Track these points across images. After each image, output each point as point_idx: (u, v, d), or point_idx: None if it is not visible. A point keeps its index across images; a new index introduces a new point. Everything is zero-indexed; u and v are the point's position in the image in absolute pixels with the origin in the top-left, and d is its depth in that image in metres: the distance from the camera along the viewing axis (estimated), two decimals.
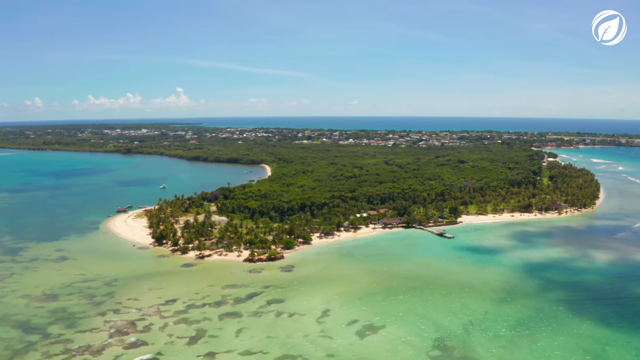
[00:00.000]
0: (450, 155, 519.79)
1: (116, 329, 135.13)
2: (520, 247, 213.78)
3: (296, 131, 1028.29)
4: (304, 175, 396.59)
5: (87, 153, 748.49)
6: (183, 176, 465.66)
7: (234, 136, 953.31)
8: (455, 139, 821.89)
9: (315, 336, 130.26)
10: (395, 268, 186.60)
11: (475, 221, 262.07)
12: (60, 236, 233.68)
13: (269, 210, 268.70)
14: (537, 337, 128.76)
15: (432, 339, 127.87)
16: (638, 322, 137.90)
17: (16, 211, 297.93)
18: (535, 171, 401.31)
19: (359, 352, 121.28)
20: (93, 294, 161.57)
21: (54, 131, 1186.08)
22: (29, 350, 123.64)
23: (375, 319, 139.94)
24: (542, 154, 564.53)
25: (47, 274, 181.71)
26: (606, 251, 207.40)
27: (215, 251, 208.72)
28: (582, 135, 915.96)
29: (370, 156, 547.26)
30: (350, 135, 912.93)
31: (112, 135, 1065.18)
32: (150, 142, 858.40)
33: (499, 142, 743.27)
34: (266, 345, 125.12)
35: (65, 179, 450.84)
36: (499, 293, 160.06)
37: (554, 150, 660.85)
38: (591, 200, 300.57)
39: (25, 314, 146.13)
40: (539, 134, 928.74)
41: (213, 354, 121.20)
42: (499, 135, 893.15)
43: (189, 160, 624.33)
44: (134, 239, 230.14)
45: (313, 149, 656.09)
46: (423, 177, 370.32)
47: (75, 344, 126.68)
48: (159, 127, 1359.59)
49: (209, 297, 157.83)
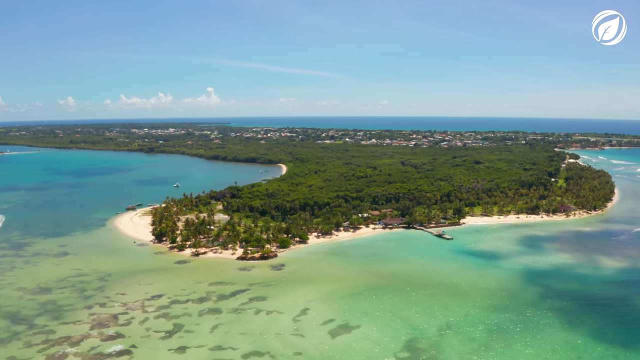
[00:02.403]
0: (468, 155, 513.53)
1: (98, 322, 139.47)
2: (518, 250, 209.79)
3: (320, 131, 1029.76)
4: (316, 175, 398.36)
5: (111, 152, 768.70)
6: (198, 175, 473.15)
7: (258, 136, 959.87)
8: (479, 139, 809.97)
9: (288, 334, 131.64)
10: (384, 268, 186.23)
11: (478, 222, 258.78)
12: (66, 232, 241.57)
13: (271, 210, 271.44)
14: (513, 342, 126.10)
15: (404, 340, 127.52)
16: (636, 336, 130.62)
17: (30, 208, 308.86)
18: (552, 172, 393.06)
19: (326, 351, 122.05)
20: (84, 288, 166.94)
21: (83, 130, 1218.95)
22: (12, 340, 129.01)
23: (352, 319, 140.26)
24: (563, 155, 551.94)
25: (46, 268, 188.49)
26: (609, 255, 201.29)
27: (211, 249, 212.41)
28: (609, 137, 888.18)
29: (388, 156, 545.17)
30: (374, 136, 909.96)
31: (139, 134, 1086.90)
32: (174, 141, 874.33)
33: (523, 143, 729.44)
34: (238, 342, 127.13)
35: (84, 177, 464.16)
36: (485, 296, 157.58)
37: (578, 152, 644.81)
38: (603, 202, 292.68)
39: (17, 305, 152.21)
40: (565, 134, 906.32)
41: (184, 348, 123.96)
42: (524, 135, 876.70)
43: (208, 160, 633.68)
44: (136, 236, 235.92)
45: (332, 148, 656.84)
46: (434, 177, 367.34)
47: (57, 335, 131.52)
48: (186, 126, 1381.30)
49: (194, 294, 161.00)
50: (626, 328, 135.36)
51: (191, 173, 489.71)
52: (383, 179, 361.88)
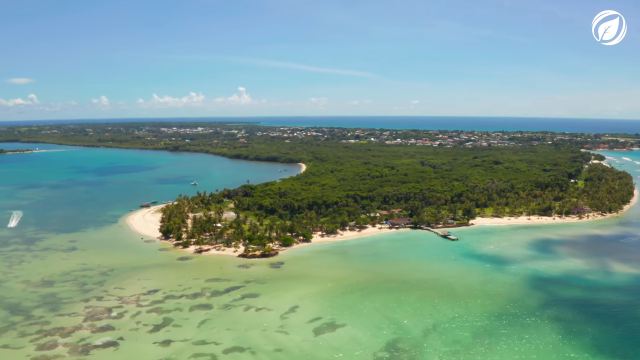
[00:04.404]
0: (490, 156, 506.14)
1: (92, 315, 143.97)
2: (522, 252, 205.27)
3: (347, 131, 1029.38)
4: (331, 174, 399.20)
5: (137, 150, 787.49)
6: (218, 174, 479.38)
7: (284, 135, 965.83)
8: (505, 139, 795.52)
9: (273, 331, 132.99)
10: (382, 268, 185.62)
11: (487, 223, 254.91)
12: (78, 228, 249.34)
13: (280, 208, 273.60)
14: (497, 347, 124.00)
15: (386, 340, 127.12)
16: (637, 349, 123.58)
17: (48, 204, 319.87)
18: (572, 174, 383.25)
19: (306, 348, 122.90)
20: (86, 281, 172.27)
21: (113, 129, 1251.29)
22: (7, 330, 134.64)
23: (339, 318, 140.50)
24: (588, 155, 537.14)
25: (53, 262, 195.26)
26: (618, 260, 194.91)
27: (215, 246, 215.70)
28: (639, 137, 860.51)
29: (409, 156, 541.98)
30: (399, 135, 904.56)
31: (167, 133, 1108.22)
32: (200, 140, 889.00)
33: (549, 143, 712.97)
34: (222, 337, 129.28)
35: (107, 175, 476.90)
36: (478, 299, 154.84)
37: (604, 152, 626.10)
38: (619, 204, 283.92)
39: (19, 297, 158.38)
40: (594, 135, 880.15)
41: (168, 342, 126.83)
42: (552, 135, 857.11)
43: (230, 158, 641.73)
44: (145, 232, 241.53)
45: (354, 148, 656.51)
46: (450, 177, 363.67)
47: (51, 326, 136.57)
48: (215, 125, 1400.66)
49: (189, 289, 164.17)
50: (631, 342, 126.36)
51: (211, 172, 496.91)
52: (398, 179, 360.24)
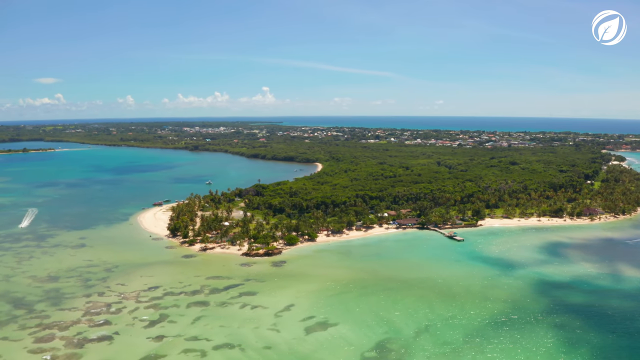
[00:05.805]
0: (508, 156, 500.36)
1: (91, 309, 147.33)
2: (528, 254, 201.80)
3: (367, 130, 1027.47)
4: (344, 174, 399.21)
5: (158, 149, 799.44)
6: (234, 173, 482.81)
7: (305, 135, 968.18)
8: (527, 140, 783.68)
9: (265, 328, 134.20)
10: (383, 268, 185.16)
11: (496, 225, 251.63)
12: (89, 225, 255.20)
13: (288, 207, 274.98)
14: (488, 349, 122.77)
15: (376, 340, 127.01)
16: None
17: (63, 202, 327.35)
18: (589, 175, 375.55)
19: (295, 346, 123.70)
20: (90, 277, 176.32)
21: (136, 128, 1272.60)
22: (9, 323, 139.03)
23: (332, 317, 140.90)
24: (608, 157, 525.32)
25: (60, 258, 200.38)
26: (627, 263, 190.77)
27: (220, 244, 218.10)
28: None
29: (426, 156, 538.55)
30: (420, 135, 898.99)
31: (189, 132, 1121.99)
32: (221, 139, 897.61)
33: (570, 144, 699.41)
34: (214, 334, 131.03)
35: (124, 174, 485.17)
36: (476, 301, 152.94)
37: (626, 154, 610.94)
38: (634, 206, 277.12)
39: (24, 292, 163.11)
40: (618, 136, 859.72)
41: (161, 337, 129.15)
42: (575, 136, 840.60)
43: (248, 158, 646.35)
44: (154, 230, 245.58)
45: (372, 148, 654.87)
46: (464, 178, 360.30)
47: (50, 320, 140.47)
48: (238, 125, 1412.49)
49: (189, 287, 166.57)
50: (637, 356, 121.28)
51: (227, 171, 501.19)
52: (411, 179, 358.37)
